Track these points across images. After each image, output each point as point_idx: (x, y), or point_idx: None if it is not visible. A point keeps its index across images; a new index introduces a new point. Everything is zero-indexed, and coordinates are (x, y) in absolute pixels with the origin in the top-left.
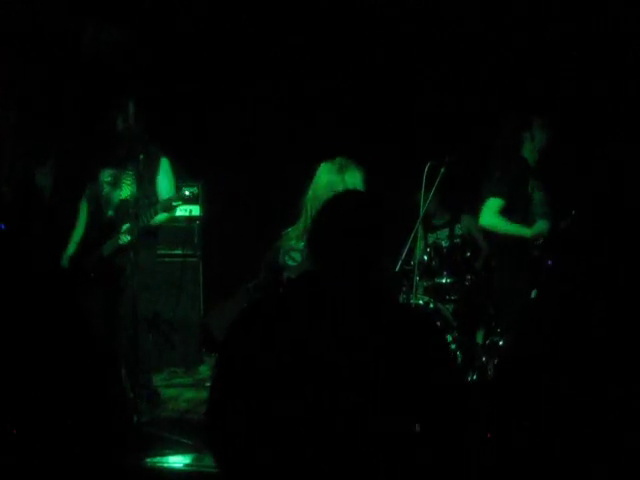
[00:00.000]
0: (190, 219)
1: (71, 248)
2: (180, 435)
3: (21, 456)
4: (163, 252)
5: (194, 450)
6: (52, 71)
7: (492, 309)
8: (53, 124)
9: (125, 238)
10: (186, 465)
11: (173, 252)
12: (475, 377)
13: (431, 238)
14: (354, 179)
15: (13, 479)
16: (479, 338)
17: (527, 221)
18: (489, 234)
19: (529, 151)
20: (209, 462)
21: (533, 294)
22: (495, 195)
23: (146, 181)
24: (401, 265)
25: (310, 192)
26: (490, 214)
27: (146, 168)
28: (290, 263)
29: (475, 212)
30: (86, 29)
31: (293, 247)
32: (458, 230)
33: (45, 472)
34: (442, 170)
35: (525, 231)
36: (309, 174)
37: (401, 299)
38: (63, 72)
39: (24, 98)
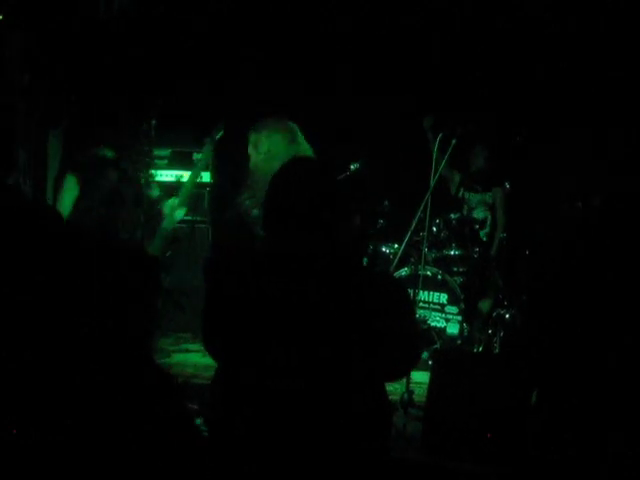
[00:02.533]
0: (200, 185)
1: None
2: (187, 400)
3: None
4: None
5: (200, 414)
6: (66, 34)
7: (500, 281)
8: (66, 87)
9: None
10: None
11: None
12: (481, 349)
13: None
14: (305, 145)
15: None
16: (485, 308)
17: None
18: None
19: None
20: None
21: None
22: None
23: None
24: (410, 236)
25: (264, 163)
26: None
27: None
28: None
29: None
30: None
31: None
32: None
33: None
34: (453, 141)
35: None
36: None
37: (409, 270)
38: (77, 36)
39: (37, 61)
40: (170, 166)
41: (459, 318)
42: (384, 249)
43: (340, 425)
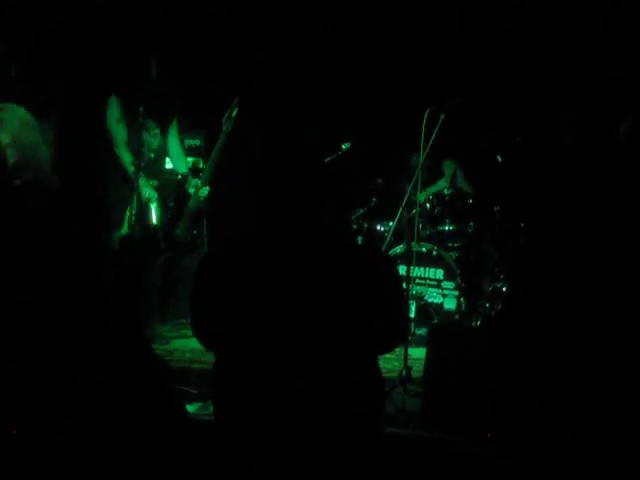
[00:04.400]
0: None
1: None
2: (185, 385)
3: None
4: (171, 205)
5: (199, 399)
6: (52, 24)
7: (495, 255)
8: (55, 77)
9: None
10: (192, 414)
11: None
12: (479, 323)
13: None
14: None
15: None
16: (481, 282)
17: None
18: None
19: None
20: None
21: None
22: None
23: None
24: (402, 213)
25: None
26: None
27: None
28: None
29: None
30: None
31: None
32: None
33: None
34: (442, 116)
35: None
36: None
37: (404, 246)
38: (63, 25)
39: (24, 51)
40: None
41: (456, 293)
42: (378, 227)
43: (336, 400)
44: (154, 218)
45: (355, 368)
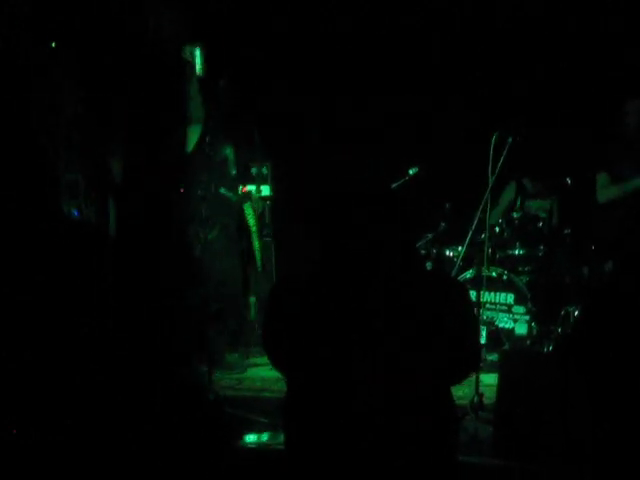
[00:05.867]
0: (262, 198)
1: None
2: (256, 414)
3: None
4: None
5: (270, 428)
6: (117, 60)
7: (568, 279)
8: (121, 112)
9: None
10: (262, 444)
11: None
12: (551, 348)
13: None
14: None
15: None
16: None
17: None
18: None
19: None
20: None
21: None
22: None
23: None
24: (471, 237)
25: None
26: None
27: None
28: None
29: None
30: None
31: None
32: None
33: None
34: (509, 140)
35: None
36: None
37: (474, 271)
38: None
39: (91, 87)
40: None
41: (527, 318)
42: (447, 252)
43: (410, 430)
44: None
45: (428, 397)
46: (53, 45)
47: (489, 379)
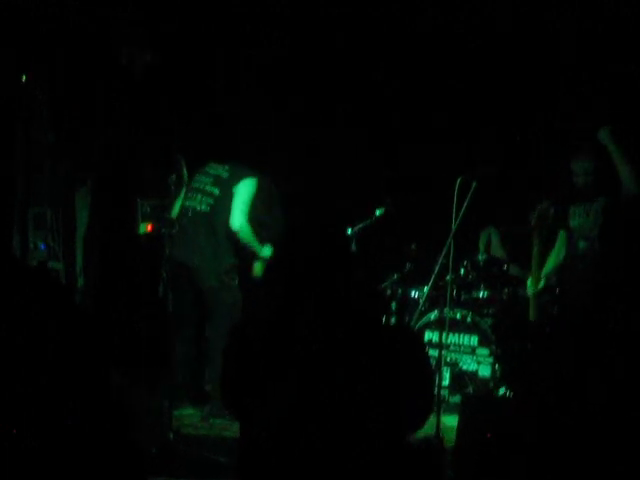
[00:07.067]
0: None
1: None
2: (218, 454)
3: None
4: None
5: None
6: (90, 91)
7: (532, 321)
8: (91, 144)
9: None
10: None
11: None
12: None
13: None
14: None
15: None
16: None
17: None
18: None
19: None
20: None
21: None
22: None
23: None
24: (434, 280)
25: None
26: None
27: None
28: None
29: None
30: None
31: None
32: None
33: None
34: (474, 184)
35: None
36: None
37: (438, 313)
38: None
39: (62, 118)
40: None
41: (490, 360)
42: (412, 293)
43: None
44: None
45: (382, 444)
46: (24, 79)
47: (451, 421)
